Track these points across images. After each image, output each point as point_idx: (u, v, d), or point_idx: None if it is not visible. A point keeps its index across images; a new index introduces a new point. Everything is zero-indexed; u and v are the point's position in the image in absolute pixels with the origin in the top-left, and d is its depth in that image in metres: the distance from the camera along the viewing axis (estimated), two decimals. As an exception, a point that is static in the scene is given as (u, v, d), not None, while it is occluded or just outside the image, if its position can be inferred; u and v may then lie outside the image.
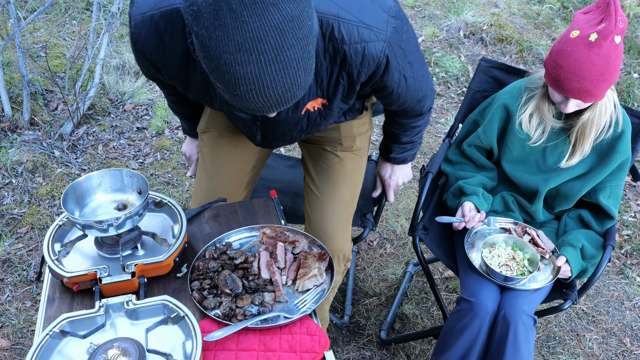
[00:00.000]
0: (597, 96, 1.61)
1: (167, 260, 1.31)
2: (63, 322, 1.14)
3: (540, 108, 1.77)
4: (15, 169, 2.89)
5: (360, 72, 1.27)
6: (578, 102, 1.64)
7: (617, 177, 1.82)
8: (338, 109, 1.42)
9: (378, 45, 1.23)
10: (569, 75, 1.57)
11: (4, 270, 2.45)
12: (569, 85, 1.59)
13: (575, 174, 1.83)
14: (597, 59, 1.53)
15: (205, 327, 1.23)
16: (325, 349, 1.21)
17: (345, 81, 1.31)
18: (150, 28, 1.23)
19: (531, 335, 1.69)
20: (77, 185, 1.34)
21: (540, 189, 1.85)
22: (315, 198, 1.74)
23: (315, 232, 1.72)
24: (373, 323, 2.40)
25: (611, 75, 1.56)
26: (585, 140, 1.74)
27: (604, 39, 1.52)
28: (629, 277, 2.70)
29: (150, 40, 1.25)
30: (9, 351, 2.18)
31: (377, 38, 1.22)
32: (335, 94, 1.35)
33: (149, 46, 1.26)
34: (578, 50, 1.55)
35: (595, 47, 1.53)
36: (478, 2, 4.95)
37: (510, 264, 1.76)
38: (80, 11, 4.34)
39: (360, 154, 1.78)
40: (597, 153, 1.79)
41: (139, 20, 1.23)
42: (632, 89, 3.96)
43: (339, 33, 1.20)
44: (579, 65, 1.55)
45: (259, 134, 1.49)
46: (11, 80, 3.36)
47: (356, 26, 1.20)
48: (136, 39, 1.26)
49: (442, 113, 3.73)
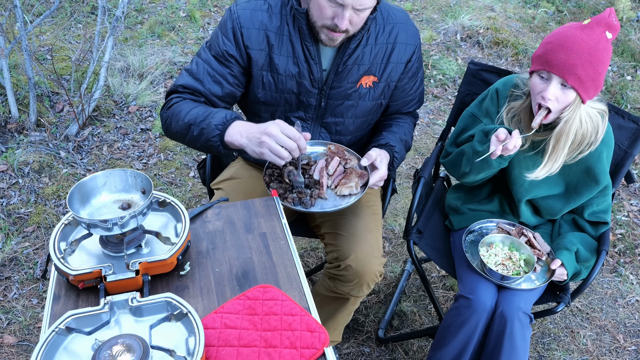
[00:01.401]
0: (582, 81, 1.53)
1: (171, 259, 1.30)
2: (69, 319, 1.14)
3: (521, 117, 1.74)
4: (22, 170, 2.89)
5: (406, 49, 1.71)
6: (559, 88, 1.57)
7: (604, 194, 1.81)
8: (382, 92, 1.76)
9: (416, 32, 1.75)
10: (557, 47, 1.54)
11: (11, 269, 2.45)
12: (554, 57, 1.54)
13: (553, 191, 1.81)
14: (587, 39, 1.52)
15: (207, 324, 1.23)
16: (325, 345, 1.21)
17: (393, 62, 1.71)
18: (254, 8, 1.62)
19: (527, 332, 1.69)
20: (83, 185, 1.34)
21: (520, 196, 1.84)
22: (341, 237, 1.77)
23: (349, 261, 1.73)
24: (372, 320, 2.40)
25: (598, 63, 1.52)
26: (558, 151, 1.67)
27: (596, 24, 1.53)
28: (622, 275, 2.70)
29: (251, 16, 1.62)
30: (16, 347, 2.18)
31: (415, 29, 1.76)
32: (384, 73, 1.71)
33: (247, 21, 1.61)
34: (569, 30, 1.56)
35: (587, 29, 1.53)
36: (475, 6, 4.95)
37: (507, 263, 1.76)
38: (85, 15, 4.34)
39: (374, 210, 1.91)
40: (572, 173, 1.76)
41: (244, 1, 1.64)
42: (625, 91, 3.96)
43: (392, 16, 1.69)
44: (568, 39, 1.53)
45: (320, 104, 1.73)
46: (18, 83, 3.36)
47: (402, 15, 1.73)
48: (238, 15, 1.61)
49: (439, 115, 3.73)
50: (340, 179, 1.66)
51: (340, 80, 1.70)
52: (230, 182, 1.91)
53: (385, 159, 1.70)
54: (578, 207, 1.84)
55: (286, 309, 1.27)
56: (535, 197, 1.84)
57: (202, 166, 2.04)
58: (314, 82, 1.69)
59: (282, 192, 1.60)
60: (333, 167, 1.67)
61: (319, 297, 1.85)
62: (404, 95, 1.83)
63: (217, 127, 1.54)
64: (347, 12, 1.48)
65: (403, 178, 3.19)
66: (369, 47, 1.67)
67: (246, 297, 1.30)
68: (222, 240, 1.47)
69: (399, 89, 1.80)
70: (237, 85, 1.71)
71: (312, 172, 1.66)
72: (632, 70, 4.30)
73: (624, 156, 1.89)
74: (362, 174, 1.66)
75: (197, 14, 4.48)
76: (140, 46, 4.02)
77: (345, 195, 1.61)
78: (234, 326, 1.23)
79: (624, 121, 1.87)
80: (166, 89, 3.66)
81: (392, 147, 1.77)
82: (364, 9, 1.50)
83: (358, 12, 1.50)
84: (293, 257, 1.42)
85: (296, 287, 1.35)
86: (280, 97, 1.72)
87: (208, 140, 1.56)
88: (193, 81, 1.66)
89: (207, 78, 1.66)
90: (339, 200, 1.61)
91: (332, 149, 1.74)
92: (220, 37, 1.65)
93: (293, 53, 1.65)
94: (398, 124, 1.87)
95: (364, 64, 1.69)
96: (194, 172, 3.07)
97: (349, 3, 1.46)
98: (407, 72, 1.77)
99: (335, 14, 1.50)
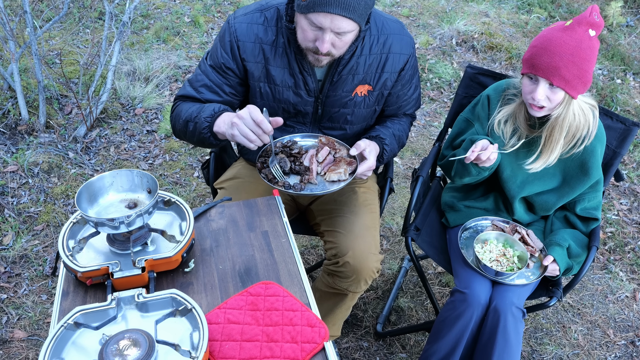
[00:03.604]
0: (567, 80, 1.55)
1: (176, 256, 1.30)
2: (77, 314, 1.14)
3: (517, 115, 1.75)
4: (31, 170, 2.89)
5: (399, 59, 1.69)
6: (547, 88, 1.59)
7: (595, 189, 1.81)
8: (376, 100, 1.76)
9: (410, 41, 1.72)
10: (541, 51, 1.56)
11: (21, 266, 2.45)
12: (539, 60, 1.56)
13: (547, 187, 1.82)
14: (569, 40, 1.53)
15: (211, 319, 1.23)
16: (325, 340, 1.21)
17: (387, 72, 1.70)
18: (251, 21, 1.62)
19: (520, 327, 1.69)
20: (90, 185, 1.34)
21: (514, 194, 1.84)
22: (340, 234, 1.76)
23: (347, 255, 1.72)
24: (370, 315, 2.40)
25: (582, 62, 1.54)
26: (552, 144, 1.69)
27: (578, 24, 1.54)
28: (612, 272, 2.70)
29: (247, 30, 1.61)
30: (26, 342, 2.18)
31: (409, 38, 1.73)
32: (378, 82, 1.70)
33: (243, 35, 1.61)
34: (552, 32, 1.57)
35: (569, 30, 1.54)
36: (469, 12, 4.95)
37: (501, 259, 1.76)
38: (93, 20, 4.34)
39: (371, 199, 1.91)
40: (568, 168, 1.78)
41: (241, 14, 1.63)
42: (615, 94, 3.96)
43: (387, 27, 1.67)
44: (551, 42, 1.55)
45: (317, 109, 1.74)
46: (28, 86, 3.36)
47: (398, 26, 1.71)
48: (235, 29, 1.62)
49: (435, 117, 3.73)
50: (329, 166, 1.68)
51: (336, 89, 1.69)
52: (233, 182, 1.91)
53: (375, 151, 1.70)
54: (570, 203, 1.84)
55: (287, 305, 1.27)
56: (529, 194, 1.84)
57: (206, 166, 2.04)
58: (310, 92, 1.69)
59: (273, 177, 1.62)
60: (323, 155, 1.69)
61: (319, 293, 1.85)
62: (398, 100, 1.82)
63: (206, 119, 1.58)
64: (327, 35, 1.46)
65: (400, 178, 3.19)
66: (363, 57, 1.65)
67: (248, 293, 1.30)
68: (225, 238, 1.47)
69: (392, 95, 1.79)
70: (234, 95, 1.72)
71: (302, 160, 1.69)
72: (621, 73, 4.30)
73: (613, 155, 1.89)
74: (351, 162, 1.69)
75: (201, 19, 4.48)
76: (146, 50, 4.02)
77: (335, 181, 1.64)
78: (237, 321, 1.23)
79: (613, 122, 1.88)
80: (171, 91, 3.66)
81: (383, 140, 1.76)
82: (344, 32, 1.47)
83: (339, 35, 1.47)
84: (294, 255, 1.42)
85: (297, 284, 1.35)
86: (278, 106, 1.72)
87: (200, 132, 1.60)
88: (193, 91, 1.70)
89: (204, 88, 1.69)
90: (328, 185, 1.63)
91: (323, 140, 1.75)
92: (219, 50, 1.66)
93: (288, 65, 1.64)
94: (393, 121, 1.87)
95: (359, 73, 1.67)
96: (198, 172, 3.07)
97: (327, 26, 1.44)
98: (400, 80, 1.75)
99: (316, 37, 1.49)
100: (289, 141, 1.73)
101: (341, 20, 1.42)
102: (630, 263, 2.76)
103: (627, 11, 5.26)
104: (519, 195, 1.84)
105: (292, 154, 1.69)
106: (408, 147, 3.42)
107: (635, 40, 4.78)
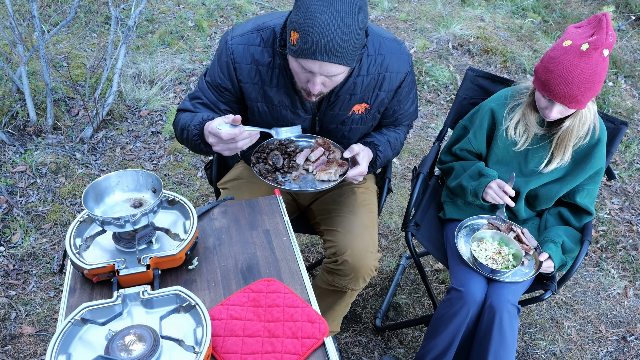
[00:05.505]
0: (581, 104, 1.59)
1: (180, 254, 1.30)
2: (84, 310, 1.14)
3: (526, 115, 1.76)
4: (39, 170, 2.89)
5: (397, 77, 1.65)
6: (562, 108, 1.62)
7: (594, 181, 1.82)
8: (373, 116, 1.74)
9: (408, 59, 1.67)
10: (559, 79, 1.55)
11: (29, 263, 2.45)
12: (557, 89, 1.56)
13: (553, 177, 1.83)
14: (586, 67, 1.51)
15: (214, 315, 1.23)
16: (325, 335, 1.21)
17: (384, 91, 1.66)
18: (247, 43, 1.57)
19: (515, 323, 1.69)
20: (97, 185, 1.34)
21: (521, 190, 1.84)
22: (339, 233, 1.76)
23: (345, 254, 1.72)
24: (369, 312, 2.40)
25: (596, 85, 1.54)
26: (564, 147, 1.74)
27: (594, 49, 1.50)
28: (604, 270, 2.70)
29: (243, 51, 1.57)
30: (34, 337, 2.18)
31: (407, 56, 1.68)
32: (375, 101, 1.68)
33: (240, 57, 1.58)
34: (569, 57, 1.53)
35: (586, 56, 1.51)
36: (465, 17, 4.95)
37: (496, 257, 1.76)
38: (99, 24, 4.34)
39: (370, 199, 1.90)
40: (574, 158, 1.79)
41: (238, 35, 1.58)
42: (608, 96, 3.96)
43: (384, 47, 1.61)
44: (569, 71, 1.53)
45: (316, 125, 1.73)
46: (36, 88, 3.36)
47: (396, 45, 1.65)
48: (232, 50, 1.58)
49: (432, 118, 3.73)
50: (321, 166, 1.68)
51: (333, 108, 1.67)
52: (236, 182, 1.90)
53: (367, 157, 1.69)
54: (569, 193, 1.84)
55: (288, 301, 1.27)
56: (535, 186, 1.85)
57: (209, 167, 2.04)
58: (307, 110, 1.68)
59: (265, 172, 1.63)
60: (316, 155, 1.69)
61: (319, 290, 1.85)
62: (395, 114, 1.80)
63: (195, 127, 1.57)
64: (317, 78, 1.44)
65: (398, 178, 3.19)
66: (360, 78, 1.62)
67: (250, 290, 1.30)
68: (228, 236, 1.47)
69: (389, 109, 1.77)
70: (230, 112, 1.70)
71: (296, 158, 1.70)
72: (613, 77, 4.30)
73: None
74: (343, 164, 1.69)
75: (204, 23, 4.48)
76: (151, 54, 4.02)
77: (325, 181, 1.64)
78: (239, 317, 1.23)
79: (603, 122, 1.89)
80: (175, 94, 3.66)
81: (377, 146, 1.75)
82: (334, 75, 1.44)
83: (330, 77, 1.45)
84: (295, 253, 1.42)
85: (297, 281, 1.35)
86: (276, 123, 1.71)
87: (192, 140, 1.59)
88: (190, 107, 1.70)
89: (201, 105, 1.68)
90: (317, 184, 1.64)
91: (319, 141, 1.75)
92: (217, 69, 1.63)
93: (285, 85, 1.61)
94: (389, 128, 1.86)
95: (356, 93, 1.64)
96: (202, 172, 3.07)
97: (317, 71, 1.42)
98: (397, 96, 1.72)
99: (307, 79, 1.47)
100: (286, 140, 1.73)
101: (329, 66, 1.39)
102: (621, 261, 2.76)
103: (619, 16, 5.26)
104: (526, 190, 1.84)
105: (287, 152, 1.70)
106: (406, 147, 3.42)
107: (627, 44, 4.78)
